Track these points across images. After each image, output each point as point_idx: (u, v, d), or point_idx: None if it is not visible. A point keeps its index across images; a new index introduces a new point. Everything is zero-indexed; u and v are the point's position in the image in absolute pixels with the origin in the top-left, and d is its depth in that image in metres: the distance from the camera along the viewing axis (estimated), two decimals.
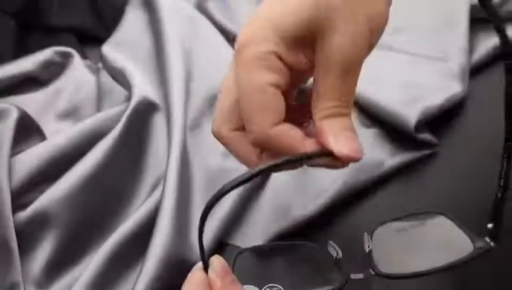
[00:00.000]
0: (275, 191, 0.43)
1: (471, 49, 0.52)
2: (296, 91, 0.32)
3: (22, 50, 0.56)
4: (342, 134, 0.27)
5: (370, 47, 0.29)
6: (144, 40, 0.53)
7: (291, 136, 0.28)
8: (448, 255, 0.33)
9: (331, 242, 0.34)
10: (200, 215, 0.39)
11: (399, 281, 0.33)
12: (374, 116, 0.47)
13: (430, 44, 0.53)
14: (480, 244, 0.33)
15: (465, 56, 0.52)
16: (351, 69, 0.28)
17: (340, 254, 0.33)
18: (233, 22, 0.57)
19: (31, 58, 0.53)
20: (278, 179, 0.44)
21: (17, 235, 0.39)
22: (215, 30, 0.56)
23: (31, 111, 0.47)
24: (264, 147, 0.29)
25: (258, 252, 0.35)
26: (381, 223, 0.34)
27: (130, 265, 0.39)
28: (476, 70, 0.51)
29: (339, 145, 0.27)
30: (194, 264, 0.37)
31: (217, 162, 0.44)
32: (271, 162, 0.26)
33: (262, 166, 0.26)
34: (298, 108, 0.31)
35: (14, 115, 0.43)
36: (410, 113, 0.45)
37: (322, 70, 0.28)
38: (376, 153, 0.44)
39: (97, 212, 0.41)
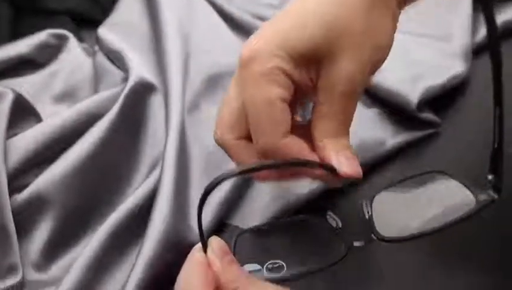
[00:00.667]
0: None
1: (474, 28, 0.51)
2: (297, 109, 0.34)
3: (17, 33, 0.55)
4: (343, 153, 0.29)
5: (371, 74, 0.30)
6: (141, 21, 0.53)
7: (300, 147, 0.29)
8: (452, 212, 0.32)
9: (330, 213, 0.33)
10: (198, 195, 0.39)
11: (403, 245, 0.33)
12: (375, 96, 0.46)
13: (433, 23, 0.53)
14: (483, 197, 0.32)
15: (468, 36, 0.51)
16: (354, 94, 0.29)
17: (340, 224, 0.33)
18: (231, 3, 0.56)
19: (26, 41, 0.52)
20: None
21: (14, 218, 0.38)
22: (213, 11, 0.55)
23: (27, 94, 0.47)
24: (271, 156, 0.30)
25: (258, 231, 0.34)
26: (380, 190, 0.34)
27: (128, 246, 0.38)
28: (479, 50, 0.50)
29: (341, 164, 0.29)
30: (193, 244, 0.37)
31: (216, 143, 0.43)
32: (274, 161, 0.28)
33: (265, 162, 0.28)
34: (298, 127, 0.32)
35: (9, 98, 0.43)
36: (412, 93, 0.44)
37: (327, 93, 0.29)
38: (377, 133, 0.44)
39: (95, 194, 0.41)
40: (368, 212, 0.33)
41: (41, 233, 0.39)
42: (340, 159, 0.29)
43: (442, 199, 0.33)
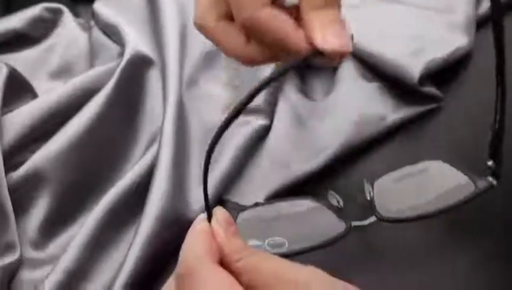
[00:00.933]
0: (274, 148, 0.42)
1: (477, 0, 0.50)
2: None
3: (11, 7, 0.54)
4: (330, 29, 0.26)
5: None
6: None
7: (283, 19, 0.26)
8: (451, 198, 0.33)
9: (331, 192, 0.33)
10: (197, 172, 0.38)
11: (402, 227, 0.33)
12: (376, 70, 0.45)
13: None
14: (482, 183, 0.33)
15: (471, 8, 0.50)
16: None
17: (342, 203, 0.33)
18: None
19: (20, 15, 0.51)
20: (276, 135, 0.43)
21: (11, 195, 0.38)
22: None
23: (22, 69, 0.46)
24: (254, 31, 0.27)
25: (259, 209, 0.34)
26: (380, 175, 0.34)
27: (126, 223, 0.38)
28: (482, 22, 0.49)
29: (327, 42, 0.26)
30: (191, 221, 0.36)
31: (214, 118, 0.43)
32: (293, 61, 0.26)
33: (286, 65, 0.26)
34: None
35: (3, 73, 0.42)
36: (413, 66, 0.43)
37: None
38: (378, 108, 0.43)
39: (92, 170, 0.40)
40: (370, 193, 0.33)
41: (39, 210, 0.39)
42: (327, 36, 0.26)
43: (442, 185, 0.34)
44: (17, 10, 0.52)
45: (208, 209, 0.28)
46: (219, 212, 0.28)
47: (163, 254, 0.36)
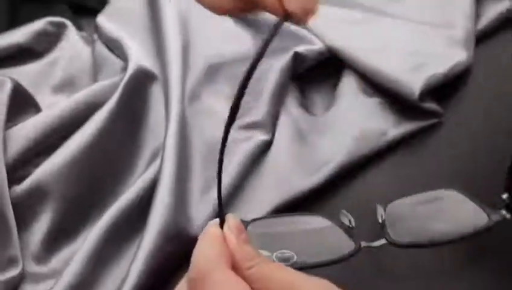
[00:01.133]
0: (275, 163, 0.43)
1: (478, 14, 0.51)
2: None
3: (15, 21, 0.54)
4: None
5: None
6: (140, 10, 0.52)
7: None
8: (464, 228, 0.33)
9: (343, 211, 0.33)
10: (199, 186, 0.38)
11: (411, 252, 0.33)
12: (377, 85, 0.46)
13: (435, 11, 0.52)
14: (495, 216, 0.33)
15: (470, 22, 0.50)
16: None
17: (353, 223, 0.33)
18: None
19: (24, 29, 0.51)
20: (278, 150, 0.43)
21: (14, 209, 0.38)
22: None
23: (26, 83, 0.46)
24: None
25: (269, 222, 0.34)
26: (393, 200, 0.34)
27: (129, 237, 0.38)
28: (483, 36, 0.50)
29: (291, 3, 0.25)
30: (193, 236, 0.37)
31: (216, 134, 0.43)
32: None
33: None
34: None
35: (8, 87, 0.42)
36: (414, 82, 0.44)
37: None
38: (379, 123, 0.44)
39: (95, 185, 0.40)
40: (382, 216, 0.33)
41: (41, 225, 0.39)
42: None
43: (455, 215, 0.34)
44: (22, 24, 0.52)
45: (221, 215, 0.28)
46: (231, 219, 0.28)
47: (165, 268, 0.36)
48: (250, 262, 0.26)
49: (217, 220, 0.28)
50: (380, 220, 0.33)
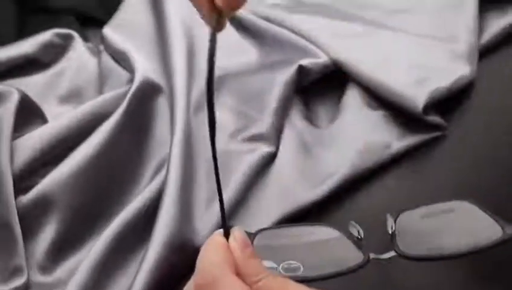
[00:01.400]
0: (280, 175, 0.43)
1: (481, 28, 0.51)
2: None
3: (23, 33, 0.55)
4: None
5: None
6: (146, 21, 0.52)
7: None
8: (477, 241, 0.32)
9: (352, 222, 0.33)
10: (204, 197, 0.38)
11: (421, 264, 0.32)
12: (381, 98, 0.46)
13: (438, 24, 0.52)
14: (510, 229, 0.32)
15: (474, 37, 0.51)
16: None
17: (362, 234, 0.32)
18: None
19: (31, 40, 0.52)
20: (282, 162, 0.44)
21: (20, 219, 0.38)
22: None
23: (33, 94, 0.47)
24: None
25: (275, 232, 0.33)
26: (404, 210, 0.33)
27: (134, 248, 0.38)
28: (486, 51, 0.50)
29: None
30: (198, 246, 0.37)
31: (222, 144, 0.43)
32: None
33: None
34: None
35: (15, 98, 0.43)
36: (418, 95, 0.44)
37: None
38: (383, 136, 0.44)
39: (100, 195, 0.41)
40: (392, 228, 0.33)
41: (47, 235, 0.39)
42: None
43: (468, 227, 0.33)
44: (29, 36, 0.53)
45: (225, 225, 0.28)
46: (238, 232, 0.28)
47: (170, 279, 0.36)
48: (257, 277, 0.26)
49: (221, 230, 0.28)
50: (390, 231, 0.33)
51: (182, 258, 0.37)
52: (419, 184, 0.42)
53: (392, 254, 0.32)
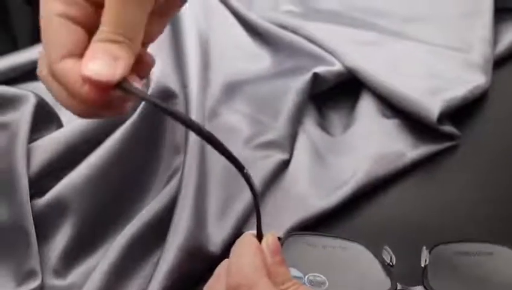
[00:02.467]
0: (293, 182, 0.43)
1: (495, 39, 0.51)
2: None
3: (39, 36, 0.55)
4: (98, 59, 0.26)
5: None
6: None
7: (73, 72, 0.26)
8: None
9: (386, 247, 0.32)
10: (217, 204, 0.38)
11: None
12: (395, 107, 0.46)
13: (453, 34, 0.53)
14: None
15: (488, 47, 0.51)
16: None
17: (394, 261, 0.32)
18: (251, 10, 0.56)
19: None
20: (295, 170, 0.44)
21: (34, 222, 0.38)
22: (233, 18, 0.55)
23: (48, 98, 0.47)
24: (56, 80, 0.28)
25: (307, 240, 0.33)
26: (439, 243, 0.33)
27: (148, 254, 0.38)
28: (500, 61, 0.50)
29: (86, 68, 0.26)
30: (212, 254, 0.37)
31: (235, 152, 0.43)
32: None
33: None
34: None
35: (31, 102, 0.43)
36: (432, 105, 0.44)
37: None
38: (397, 145, 0.44)
39: (115, 200, 0.41)
40: (426, 260, 0.32)
41: (61, 238, 0.39)
42: (94, 62, 0.26)
43: (505, 274, 0.32)
44: None
45: (259, 227, 0.28)
46: (271, 237, 0.28)
47: (183, 285, 0.36)
48: (283, 285, 0.26)
49: (253, 232, 0.28)
50: (423, 264, 0.32)
51: (196, 265, 0.37)
52: (433, 193, 0.42)
53: (419, 288, 0.31)
